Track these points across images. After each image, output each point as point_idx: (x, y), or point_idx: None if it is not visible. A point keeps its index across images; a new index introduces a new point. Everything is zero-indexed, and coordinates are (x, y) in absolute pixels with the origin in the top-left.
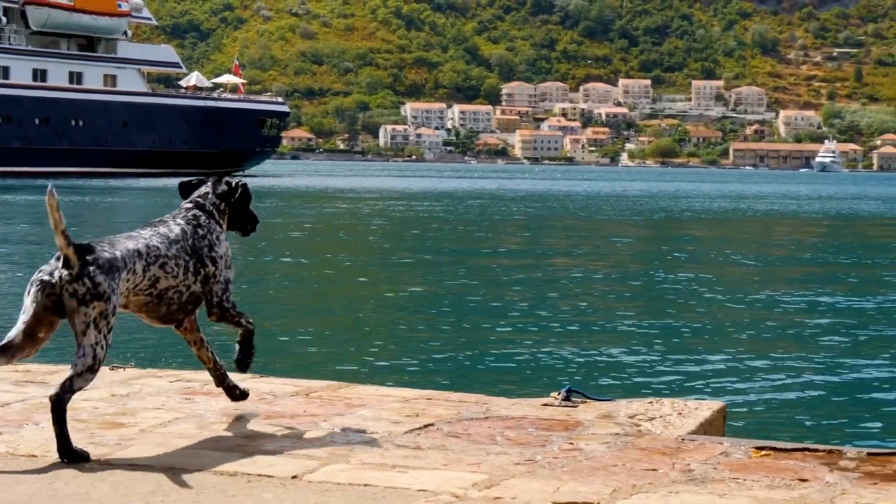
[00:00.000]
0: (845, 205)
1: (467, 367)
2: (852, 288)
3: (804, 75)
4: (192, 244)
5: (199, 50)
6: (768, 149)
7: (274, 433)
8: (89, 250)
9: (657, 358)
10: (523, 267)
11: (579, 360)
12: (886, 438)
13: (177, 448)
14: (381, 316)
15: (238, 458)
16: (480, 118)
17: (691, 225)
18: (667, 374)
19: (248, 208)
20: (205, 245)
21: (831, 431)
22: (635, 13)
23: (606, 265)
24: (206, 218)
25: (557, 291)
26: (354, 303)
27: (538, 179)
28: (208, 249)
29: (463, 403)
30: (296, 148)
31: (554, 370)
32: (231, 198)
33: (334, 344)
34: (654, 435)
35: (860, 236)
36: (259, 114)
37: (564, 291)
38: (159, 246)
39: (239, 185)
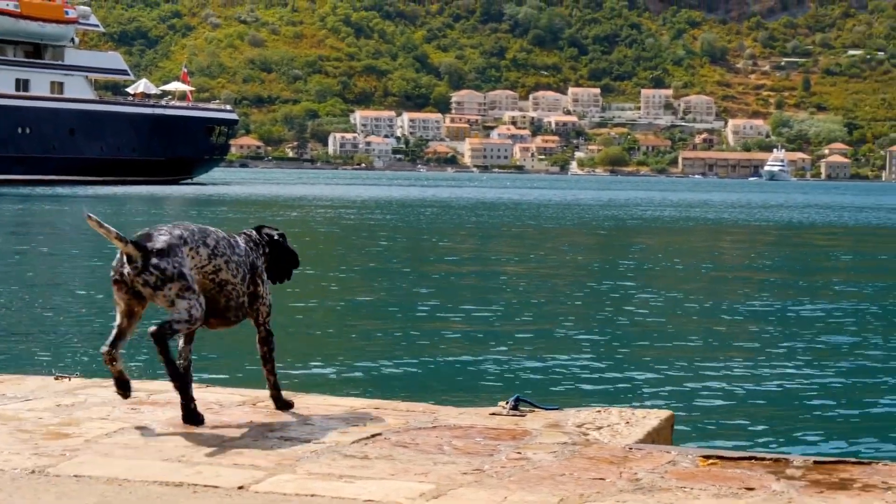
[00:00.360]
0: (794, 213)
1: (416, 377)
2: (800, 296)
3: (753, 84)
4: (251, 261)
5: (147, 57)
6: (717, 157)
7: (220, 443)
8: (147, 239)
9: (605, 367)
10: (473, 275)
11: (528, 369)
12: (833, 446)
13: (122, 458)
14: (330, 324)
15: (184, 468)
16: (430, 126)
17: (640, 233)
18: (615, 382)
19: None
20: (259, 265)
21: (778, 439)
22: (585, 22)
23: (555, 273)
24: (258, 247)
25: (506, 300)
26: (303, 311)
27: (488, 188)
28: (260, 271)
29: (411, 413)
30: (244, 156)
31: (502, 379)
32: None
33: (282, 353)
34: (601, 444)
35: (807, 245)
36: (207, 122)
37: (513, 300)
38: (225, 247)
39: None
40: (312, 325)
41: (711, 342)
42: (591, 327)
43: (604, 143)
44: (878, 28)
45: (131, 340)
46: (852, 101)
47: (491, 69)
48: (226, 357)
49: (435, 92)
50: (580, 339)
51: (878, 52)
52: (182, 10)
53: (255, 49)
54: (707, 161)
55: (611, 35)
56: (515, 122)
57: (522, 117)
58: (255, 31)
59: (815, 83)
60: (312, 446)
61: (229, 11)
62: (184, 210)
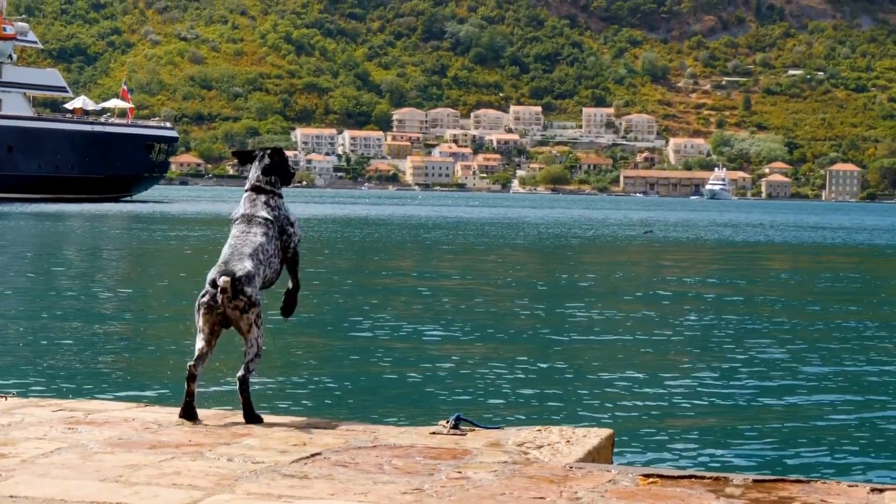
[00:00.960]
0: (736, 232)
1: (356, 395)
2: (739, 313)
3: (694, 103)
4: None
5: (86, 74)
6: (658, 176)
7: (158, 463)
8: (233, 273)
9: (546, 385)
10: (414, 294)
11: (468, 387)
12: (773, 463)
13: (59, 479)
14: (269, 342)
15: (121, 488)
16: (371, 144)
17: (581, 251)
18: (556, 401)
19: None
20: (283, 218)
21: (718, 458)
22: (526, 40)
23: (497, 291)
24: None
25: (448, 318)
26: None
27: (432, 206)
28: (285, 220)
29: (351, 432)
30: (185, 173)
31: (443, 398)
32: (274, 168)
33: (221, 371)
34: (542, 463)
35: (748, 262)
36: (147, 139)
37: (455, 318)
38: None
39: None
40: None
41: (652, 360)
42: (532, 346)
43: (545, 161)
44: (817, 48)
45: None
46: (792, 121)
47: (432, 87)
48: (164, 376)
49: (376, 110)
50: (521, 357)
51: (818, 72)
52: (121, 27)
53: (196, 66)
54: (648, 180)
55: (552, 54)
56: (457, 140)
57: (464, 135)
58: (196, 48)
59: (755, 102)
60: (251, 466)
61: (169, 28)
62: (125, 229)
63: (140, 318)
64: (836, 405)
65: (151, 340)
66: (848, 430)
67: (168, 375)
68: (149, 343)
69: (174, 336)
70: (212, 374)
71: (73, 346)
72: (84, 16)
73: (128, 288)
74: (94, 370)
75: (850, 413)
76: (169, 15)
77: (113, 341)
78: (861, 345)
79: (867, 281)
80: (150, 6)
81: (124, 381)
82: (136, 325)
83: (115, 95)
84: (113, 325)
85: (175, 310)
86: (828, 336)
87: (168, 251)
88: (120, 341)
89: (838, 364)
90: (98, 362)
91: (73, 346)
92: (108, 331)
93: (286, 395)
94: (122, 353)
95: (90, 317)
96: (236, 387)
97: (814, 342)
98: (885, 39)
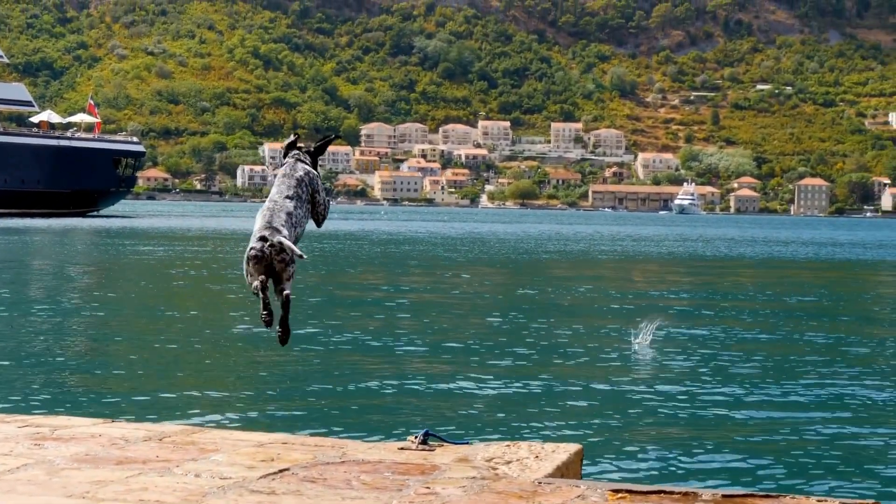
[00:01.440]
0: (707, 246)
1: (324, 411)
2: (708, 327)
3: (662, 118)
4: (314, 184)
5: (53, 88)
6: (627, 191)
7: (126, 479)
8: (277, 233)
9: (515, 400)
10: (381, 309)
11: (437, 403)
12: (741, 480)
13: (25, 495)
14: (237, 359)
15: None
16: (339, 159)
17: (551, 266)
18: (525, 416)
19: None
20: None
21: (687, 473)
22: (494, 55)
23: (466, 306)
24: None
25: (415, 333)
26: (209, 344)
27: (401, 221)
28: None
29: (319, 448)
30: (152, 188)
31: (411, 413)
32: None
33: (187, 387)
34: (510, 478)
35: (718, 276)
36: (114, 153)
37: (422, 333)
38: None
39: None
40: (219, 359)
41: (620, 376)
42: (501, 361)
43: (514, 176)
44: (785, 63)
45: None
46: (761, 136)
47: (401, 102)
48: (131, 392)
49: (344, 124)
50: (490, 372)
51: (786, 87)
52: (88, 41)
53: (163, 80)
54: (617, 194)
55: (521, 69)
56: (425, 154)
57: (432, 150)
58: (163, 63)
59: (723, 117)
60: (219, 482)
61: (136, 43)
62: (91, 244)
63: (106, 334)
64: (805, 420)
65: (118, 356)
66: (818, 445)
67: (135, 391)
68: (115, 358)
69: (141, 351)
70: (181, 390)
71: (39, 361)
72: (50, 30)
73: (94, 303)
74: (61, 386)
75: (820, 428)
76: (136, 29)
77: (79, 356)
78: (831, 359)
79: (838, 295)
80: (117, 20)
81: (91, 396)
82: (103, 340)
83: (82, 110)
84: (79, 341)
85: (141, 325)
86: (797, 350)
87: (134, 266)
88: (86, 356)
89: (808, 378)
90: (64, 378)
91: (40, 361)
92: (75, 346)
93: (254, 411)
94: (89, 368)
95: (56, 332)
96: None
97: (784, 356)
98: (853, 54)
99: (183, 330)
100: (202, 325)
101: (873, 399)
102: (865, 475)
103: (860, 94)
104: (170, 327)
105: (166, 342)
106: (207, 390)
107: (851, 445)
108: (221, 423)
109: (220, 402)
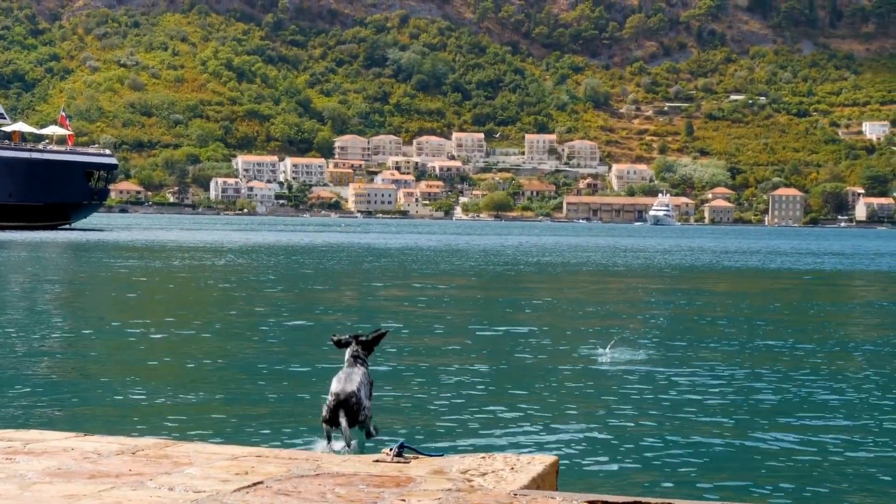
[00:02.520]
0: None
1: (297, 424)
2: (686, 338)
3: (636, 129)
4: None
5: (24, 101)
6: (601, 202)
7: (98, 493)
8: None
9: (490, 412)
10: (355, 320)
11: (412, 414)
12: (716, 490)
13: None
14: (211, 372)
15: None
16: (313, 171)
17: (527, 278)
18: (500, 428)
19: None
20: (367, 388)
21: (663, 484)
22: (468, 67)
23: (441, 317)
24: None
25: (388, 344)
26: (182, 357)
27: (377, 233)
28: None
29: (293, 460)
30: (124, 201)
31: (386, 425)
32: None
33: (160, 400)
34: (486, 490)
35: (694, 286)
36: (86, 166)
37: (395, 344)
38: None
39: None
40: (192, 372)
41: (595, 386)
42: (475, 372)
43: (488, 188)
44: (759, 73)
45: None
46: (735, 146)
47: (374, 114)
48: (103, 405)
49: (318, 137)
50: (465, 383)
51: (760, 97)
52: (60, 53)
53: (136, 93)
54: (591, 206)
55: (494, 80)
56: (399, 167)
57: (406, 162)
58: (135, 75)
59: (697, 128)
60: (192, 495)
61: (108, 55)
62: (64, 257)
63: (79, 347)
64: (782, 430)
65: (90, 370)
66: (795, 457)
67: (107, 404)
68: (88, 372)
69: (113, 365)
70: (155, 403)
71: (10, 375)
72: (22, 41)
73: (66, 317)
74: (32, 400)
75: (798, 439)
76: (108, 41)
77: (51, 370)
78: (811, 370)
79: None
80: (90, 32)
81: (64, 410)
82: (75, 354)
83: (54, 122)
84: (51, 354)
85: (114, 340)
86: (775, 360)
87: (107, 280)
88: (58, 370)
89: (785, 389)
90: (36, 391)
91: (11, 374)
92: (46, 359)
93: (228, 424)
94: (61, 382)
95: (28, 345)
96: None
97: (759, 366)
98: (826, 64)
99: (157, 343)
100: (176, 339)
101: (852, 408)
102: (845, 484)
103: (834, 104)
104: (144, 341)
105: (140, 356)
106: (181, 404)
107: (831, 457)
108: (195, 437)
109: (194, 415)
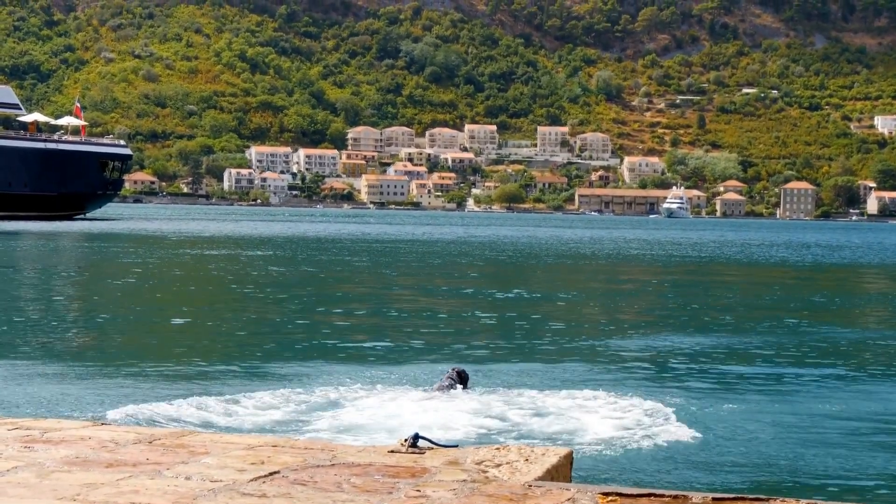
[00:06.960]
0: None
1: (314, 414)
2: (699, 331)
3: (648, 122)
4: None
5: (39, 91)
6: (613, 195)
7: (116, 482)
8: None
9: (503, 403)
10: (368, 309)
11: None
12: (731, 483)
13: (16, 498)
14: (229, 361)
15: None
16: (326, 162)
17: (539, 269)
18: (514, 419)
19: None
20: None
21: (677, 476)
22: (481, 59)
23: (454, 306)
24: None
25: (402, 335)
26: (199, 347)
27: (387, 224)
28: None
29: (309, 451)
30: (138, 191)
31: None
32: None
33: (176, 389)
34: (501, 481)
35: (707, 279)
36: (101, 156)
37: (410, 335)
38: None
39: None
40: (209, 362)
41: (609, 378)
42: (490, 364)
43: (500, 179)
44: (771, 67)
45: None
46: (747, 139)
47: (387, 105)
48: (120, 395)
49: (331, 128)
50: (478, 376)
51: (772, 91)
52: (75, 44)
53: (150, 84)
54: (603, 198)
55: (507, 72)
56: (412, 158)
57: (419, 154)
58: (150, 66)
59: (709, 121)
60: (209, 484)
61: (123, 46)
62: (77, 246)
63: (96, 337)
64: (793, 423)
65: (108, 359)
66: (806, 448)
67: (124, 394)
68: (105, 362)
69: (130, 355)
70: (172, 392)
71: (28, 364)
72: (37, 33)
73: (83, 307)
74: (51, 388)
75: (808, 431)
76: (123, 32)
77: (69, 359)
78: (820, 362)
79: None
80: (104, 23)
81: (81, 399)
82: (92, 343)
83: (69, 113)
84: (69, 344)
85: (132, 328)
86: (786, 353)
87: (122, 269)
88: (76, 359)
89: (796, 383)
90: (54, 381)
91: (29, 364)
92: (64, 349)
93: (244, 413)
94: (79, 371)
95: (45, 335)
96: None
97: (769, 359)
98: (838, 58)
99: (173, 332)
100: (193, 328)
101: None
102: (853, 477)
103: (845, 98)
104: (161, 330)
105: (157, 345)
106: (198, 393)
107: (841, 448)
108: (211, 426)
109: (211, 404)
